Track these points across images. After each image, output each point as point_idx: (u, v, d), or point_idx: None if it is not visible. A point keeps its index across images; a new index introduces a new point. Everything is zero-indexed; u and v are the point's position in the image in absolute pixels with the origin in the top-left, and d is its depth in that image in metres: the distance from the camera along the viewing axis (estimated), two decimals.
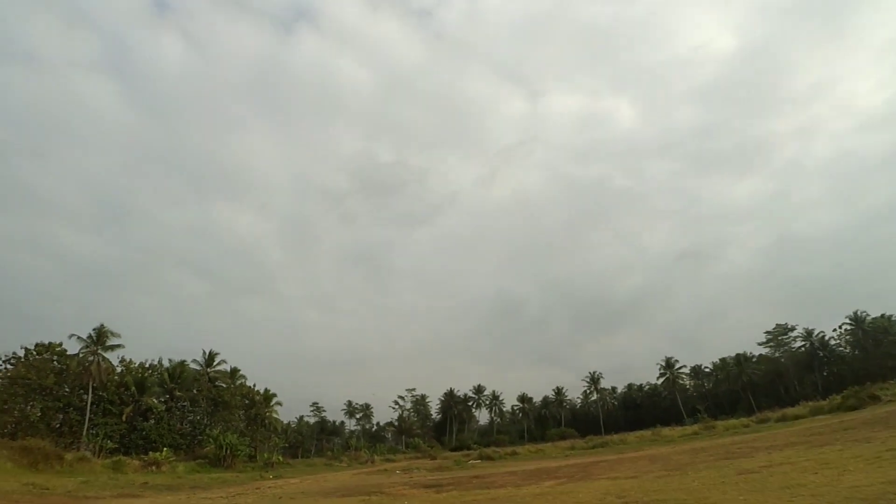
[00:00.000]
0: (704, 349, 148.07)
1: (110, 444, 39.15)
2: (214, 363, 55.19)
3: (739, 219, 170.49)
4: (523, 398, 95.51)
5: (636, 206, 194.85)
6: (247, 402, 55.73)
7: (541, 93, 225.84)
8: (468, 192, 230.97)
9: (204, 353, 55.10)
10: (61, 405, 42.37)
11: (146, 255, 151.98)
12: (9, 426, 38.00)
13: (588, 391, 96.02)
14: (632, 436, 49.08)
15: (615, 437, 51.33)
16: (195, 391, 52.20)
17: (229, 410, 53.28)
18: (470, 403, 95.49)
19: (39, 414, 40.45)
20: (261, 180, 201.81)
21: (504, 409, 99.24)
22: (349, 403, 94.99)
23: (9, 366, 43.32)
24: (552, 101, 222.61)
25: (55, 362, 45.10)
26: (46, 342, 45.79)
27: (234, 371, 57.15)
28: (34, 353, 44.84)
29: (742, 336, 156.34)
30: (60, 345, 45.73)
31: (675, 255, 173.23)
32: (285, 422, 68.51)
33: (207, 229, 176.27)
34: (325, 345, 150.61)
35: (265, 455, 44.52)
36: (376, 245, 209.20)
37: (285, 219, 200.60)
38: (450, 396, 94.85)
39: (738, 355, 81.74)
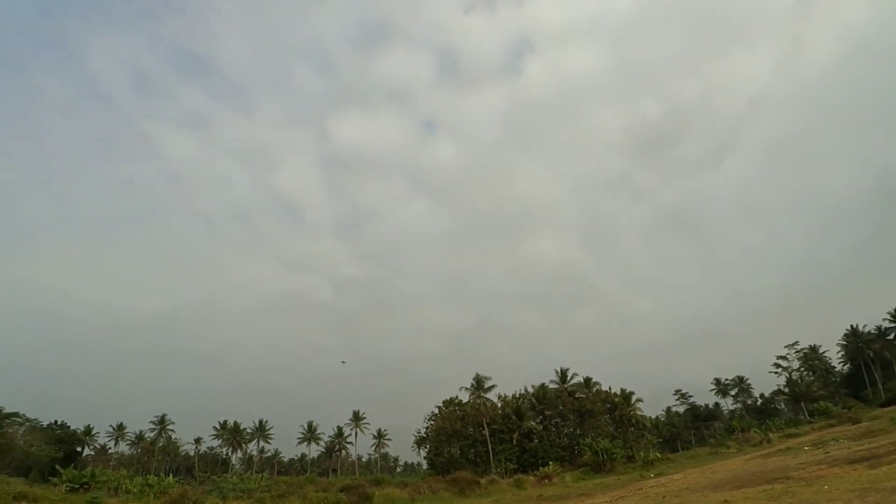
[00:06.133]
0: None
1: (511, 466, 46.81)
2: (568, 378, 59.32)
3: None
4: None
5: None
6: (608, 405, 56.81)
7: None
8: (772, 83, 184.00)
9: (557, 371, 60.30)
10: (470, 442, 53.99)
11: (487, 311, 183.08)
12: (442, 465, 50.59)
13: None
14: None
15: None
16: (560, 407, 56.79)
17: (594, 417, 55.23)
18: (891, 336, 68.50)
19: (459, 452, 52.40)
20: (545, 206, 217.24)
21: None
22: (717, 381, 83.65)
23: (431, 423, 58.78)
24: None
25: (457, 411, 58.24)
26: (449, 398, 60.52)
27: (588, 380, 59.72)
28: (444, 408, 59.60)
29: None
30: (457, 397, 59.72)
31: None
32: (652, 417, 65.80)
33: (522, 268, 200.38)
34: (665, 327, 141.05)
35: (642, 454, 43.28)
36: (679, 204, 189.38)
37: (580, 227, 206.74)
38: (854, 336, 70.98)
39: None
